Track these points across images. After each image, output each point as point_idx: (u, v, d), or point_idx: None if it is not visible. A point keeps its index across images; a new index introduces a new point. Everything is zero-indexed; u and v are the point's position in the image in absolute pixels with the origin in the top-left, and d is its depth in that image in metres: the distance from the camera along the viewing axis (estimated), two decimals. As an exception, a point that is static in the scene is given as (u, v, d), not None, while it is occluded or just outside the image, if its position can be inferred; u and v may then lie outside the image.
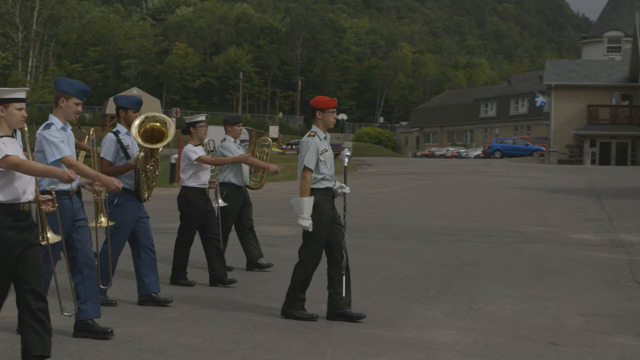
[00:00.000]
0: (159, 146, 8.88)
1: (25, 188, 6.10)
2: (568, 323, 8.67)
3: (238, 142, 11.52)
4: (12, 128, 6.16)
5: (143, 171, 8.85)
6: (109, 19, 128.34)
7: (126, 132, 8.95)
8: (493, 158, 65.14)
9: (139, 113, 9.07)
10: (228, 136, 11.41)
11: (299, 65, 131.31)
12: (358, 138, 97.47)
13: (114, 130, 9.04)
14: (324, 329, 8.10)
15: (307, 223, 8.28)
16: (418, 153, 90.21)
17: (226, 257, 10.83)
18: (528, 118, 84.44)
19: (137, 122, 8.84)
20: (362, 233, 15.42)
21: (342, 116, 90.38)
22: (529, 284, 10.95)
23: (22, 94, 6.21)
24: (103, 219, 8.39)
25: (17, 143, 6.19)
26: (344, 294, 8.49)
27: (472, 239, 15.35)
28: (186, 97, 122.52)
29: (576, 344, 7.76)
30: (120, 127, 9.01)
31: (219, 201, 11.16)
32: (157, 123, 8.97)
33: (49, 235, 6.62)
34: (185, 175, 10.42)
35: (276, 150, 62.76)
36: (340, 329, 8.10)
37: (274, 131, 77.80)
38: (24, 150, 6.47)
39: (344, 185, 8.67)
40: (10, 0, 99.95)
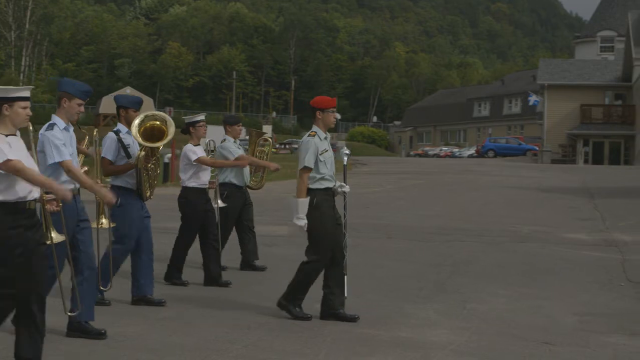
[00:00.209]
0: (160, 145, 8.86)
1: (31, 187, 6.09)
2: (561, 322, 8.68)
3: (238, 142, 11.54)
4: (17, 127, 6.13)
5: (144, 170, 8.83)
6: (102, 18, 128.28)
7: (127, 132, 8.92)
8: (486, 157, 65.18)
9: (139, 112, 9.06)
10: (228, 136, 11.42)
11: (293, 64, 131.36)
12: (351, 137, 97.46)
13: (115, 129, 9.01)
14: (318, 329, 8.10)
15: (302, 222, 8.28)
16: (411, 152, 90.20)
17: (222, 257, 10.81)
18: (521, 117, 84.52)
19: (137, 121, 8.82)
20: (356, 232, 15.41)
21: (336, 115, 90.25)
22: (522, 284, 10.95)
23: (27, 93, 6.18)
24: (104, 220, 8.36)
25: (22, 142, 6.17)
26: (339, 295, 8.49)
27: (466, 239, 15.36)
28: (179, 97, 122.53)
29: (569, 343, 7.77)
30: (120, 126, 8.98)
31: (219, 201, 11.17)
32: (157, 122, 8.94)
33: (53, 234, 6.60)
34: (185, 175, 10.39)
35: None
36: (333, 329, 8.09)
37: (268, 131, 77.70)
38: (29, 149, 6.43)
39: (344, 184, 8.66)
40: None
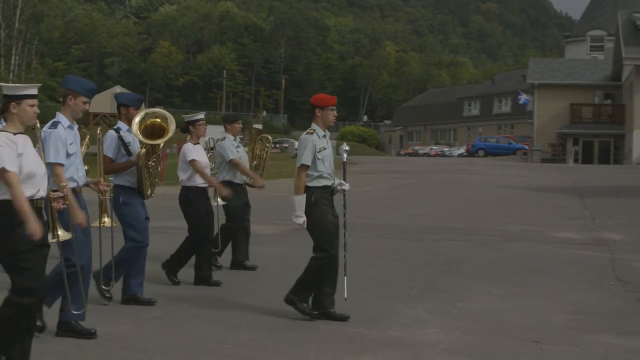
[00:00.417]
0: (160, 142, 8.84)
1: (40, 186, 6.07)
2: (551, 321, 8.69)
3: (238, 140, 11.55)
4: (25, 125, 6.10)
5: (145, 168, 8.81)
6: (92, 17, 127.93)
7: (127, 129, 8.89)
8: (476, 157, 65.19)
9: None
10: (228, 134, 11.45)
11: (283, 63, 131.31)
12: (342, 137, 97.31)
13: (115, 127, 9.00)
14: (309, 328, 8.10)
15: (301, 220, 8.27)
16: (402, 152, 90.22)
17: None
18: (511, 117, 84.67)
19: (138, 119, 8.80)
20: (347, 231, 15.39)
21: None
22: (512, 283, 10.97)
23: (35, 90, 6.16)
24: (107, 219, 8.33)
25: (30, 141, 6.14)
26: (330, 294, 8.49)
27: (456, 238, 15.37)
28: (169, 96, 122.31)
29: (559, 342, 7.78)
30: (121, 124, 8.95)
31: (218, 200, 11.18)
32: (158, 119, 8.93)
33: (60, 232, 6.57)
34: (184, 174, 10.36)
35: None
36: (324, 328, 8.09)
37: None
38: (35, 147, 6.39)
39: (344, 182, 8.65)
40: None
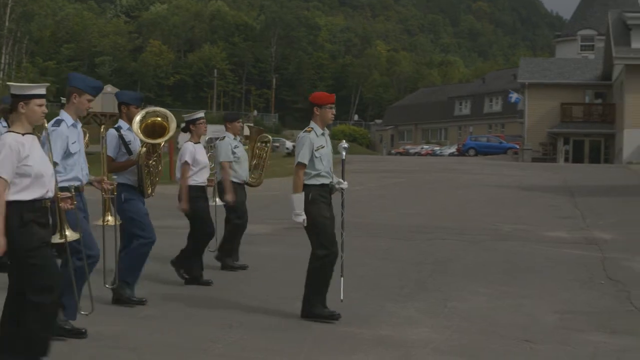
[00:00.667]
0: (161, 141, 8.82)
1: (48, 186, 6.06)
2: (542, 320, 8.70)
3: (238, 139, 11.57)
4: (33, 124, 6.07)
5: (146, 167, 8.79)
6: (83, 16, 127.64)
7: (128, 128, 8.86)
8: (467, 156, 65.21)
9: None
10: (228, 133, 11.48)
11: (274, 62, 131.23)
12: (333, 136, 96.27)
13: (116, 125, 8.97)
14: (300, 328, 8.09)
15: (300, 219, 8.26)
16: (392, 151, 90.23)
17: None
18: (502, 116, 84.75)
19: (138, 118, 8.76)
20: (337, 231, 15.39)
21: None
22: (503, 282, 10.98)
23: (43, 90, 6.12)
24: (110, 218, 8.30)
25: (37, 142, 6.11)
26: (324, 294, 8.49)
27: (447, 237, 15.38)
28: (160, 95, 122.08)
29: (550, 341, 7.79)
30: (122, 123, 8.93)
31: (216, 200, 11.18)
32: (159, 118, 8.90)
33: (67, 232, 6.55)
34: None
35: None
36: (315, 327, 8.09)
37: (245, 129, 77.59)
38: (43, 147, 6.36)
39: (342, 180, 8.63)
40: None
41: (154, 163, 8.92)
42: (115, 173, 8.85)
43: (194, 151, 10.31)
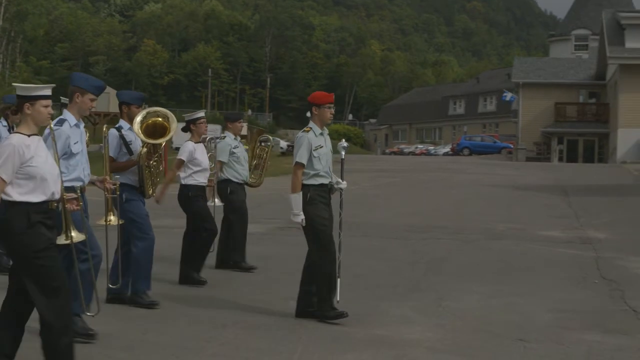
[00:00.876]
0: (162, 141, 8.79)
1: (54, 188, 6.03)
2: (536, 319, 8.70)
3: (239, 139, 11.55)
4: (39, 126, 6.02)
5: (147, 167, 8.76)
6: (77, 15, 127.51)
7: (129, 128, 8.82)
8: (461, 155, 65.25)
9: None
10: (229, 133, 11.46)
11: (268, 62, 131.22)
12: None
13: (117, 125, 8.93)
14: (293, 327, 8.08)
15: (299, 218, 8.25)
16: (387, 150, 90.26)
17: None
18: (496, 115, 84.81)
19: (139, 118, 8.73)
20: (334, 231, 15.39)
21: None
22: (497, 281, 10.98)
23: (49, 91, 6.08)
24: (112, 217, 8.26)
25: (43, 143, 6.07)
26: (315, 293, 8.46)
27: (441, 236, 15.38)
28: (155, 94, 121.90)
29: (544, 341, 7.79)
30: (122, 123, 8.89)
31: (215, 200, 11.17)
32: (159, 118, 8.87)
33: (73, 234, 6.52)
34: (183, 173, 10.34)
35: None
36: (309, 327, 8.08)
37: (243, 129, 77.56)
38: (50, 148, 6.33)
39: (340, 180, 8.62)
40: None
41: (155, 163, 8.89)
42: (116, 173, 8.83)
43: (193, 150, 10.30)
